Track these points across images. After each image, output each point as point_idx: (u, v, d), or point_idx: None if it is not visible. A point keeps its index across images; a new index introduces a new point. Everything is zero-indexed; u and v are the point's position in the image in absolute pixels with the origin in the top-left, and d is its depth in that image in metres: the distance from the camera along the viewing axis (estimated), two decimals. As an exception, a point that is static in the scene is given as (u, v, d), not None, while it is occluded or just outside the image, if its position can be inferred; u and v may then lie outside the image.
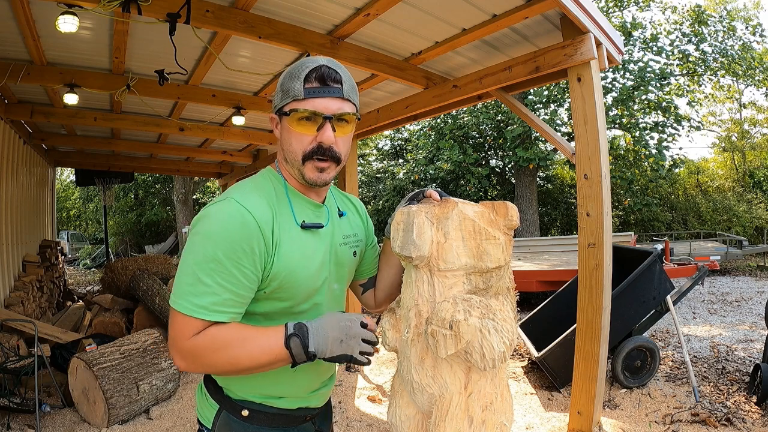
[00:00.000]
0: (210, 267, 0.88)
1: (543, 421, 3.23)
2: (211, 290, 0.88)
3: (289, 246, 0.98)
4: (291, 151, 1.00)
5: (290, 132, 0.99)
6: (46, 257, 6.20)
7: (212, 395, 1.05)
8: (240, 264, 0.90)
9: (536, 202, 13.50)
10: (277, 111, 1.01)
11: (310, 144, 0.98)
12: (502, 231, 1.05)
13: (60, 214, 22.17)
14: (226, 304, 0.90)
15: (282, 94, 0.99)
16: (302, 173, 1.01)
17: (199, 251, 0.89)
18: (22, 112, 4.69)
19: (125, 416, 3.22)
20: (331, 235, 1.09)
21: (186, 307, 0.88)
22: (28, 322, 3.96)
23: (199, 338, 0.89)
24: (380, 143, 20.36)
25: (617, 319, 3.32)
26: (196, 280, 0.88)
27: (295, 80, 0.97)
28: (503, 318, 1.00)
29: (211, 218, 0.91)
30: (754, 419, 3.03)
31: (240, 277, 0.90)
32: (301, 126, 0.97)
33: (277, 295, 0.99)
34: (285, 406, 1.05)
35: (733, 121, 20.51)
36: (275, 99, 1.03)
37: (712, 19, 13.40)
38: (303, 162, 0.99)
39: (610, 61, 3.13)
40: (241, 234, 0.90)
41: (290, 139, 0.99)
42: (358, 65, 3.48)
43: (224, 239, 0.89)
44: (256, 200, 0.96)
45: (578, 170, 2.89)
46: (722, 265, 10.59)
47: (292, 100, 0.97)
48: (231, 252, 0.89)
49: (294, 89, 0.96)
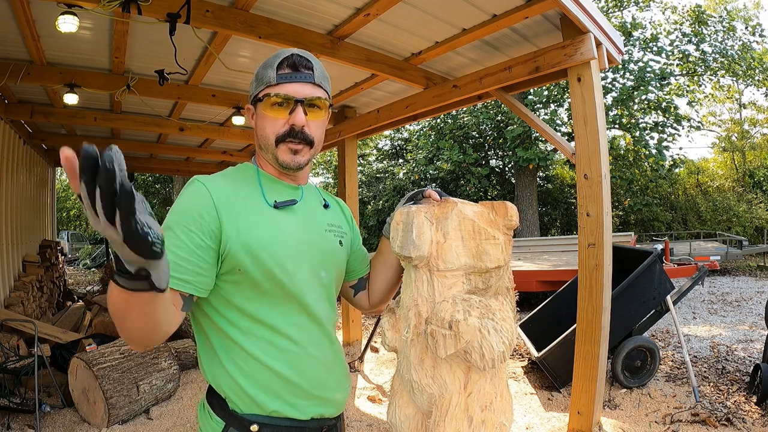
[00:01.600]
0: (168, 237, 0.89)
1: (543, 421, 3.23)
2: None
3: (256, 221, 0.96)
4: (264, 135, 1.02)
5: (264, 117, 1.02)
6: (46, 257, 6.20)
7: (216, 411, 0.97)
8: (188, 229, 0.90)
9: (536, 202, 13.50)
10: (252, 100, 1.05)
11: (283, 127, 1.00)
12: (501, 231, 1.05)
13: (60, 214, 22.17)
14: (172, 269, 0.86)
15: (256, 83, 1.03)
16: (276, 157, 1.02)
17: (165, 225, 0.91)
18: (22, 112, 4.69)
19: (125, 416, 3.22)
20: (311, 217, 1.07)
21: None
22: (28, 322, 3.96)
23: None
24: (380, 143, 20.37)
25: (617, 319, 3.32)
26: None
27: (268, 68, 1.01)
28: (503, 318, 1.00)
29: (177, 199, 0.97)
30: (754, 419, 3.03)
31: (187, 242, 0.89)
32: (274, 110, 1.00)
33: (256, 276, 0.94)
34: (297, 416, 0.98)
35: (733, 121, 20.52)
36: (251, 89, 1.07)
37: (712, 19, 13.41)
38: (276, 144, 1.01)
39: (610, 61, 3.13)
40: (192, 203, 0.92)
41: (264, 124, 1.02)
42: (358, 65, 3.48)
43: (178, 210, 0.93)
44: (218, 180, 0.98)
45: (578, 170, 2.89)
46: (722, 265, 10.59)
47: (265, 87, 1.00)
48: (181, 219, 0.91)
49: (267, 76, 1.00)
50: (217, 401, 0.97)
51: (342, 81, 4.30)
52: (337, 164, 5.69)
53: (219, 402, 0.97)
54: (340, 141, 5.17)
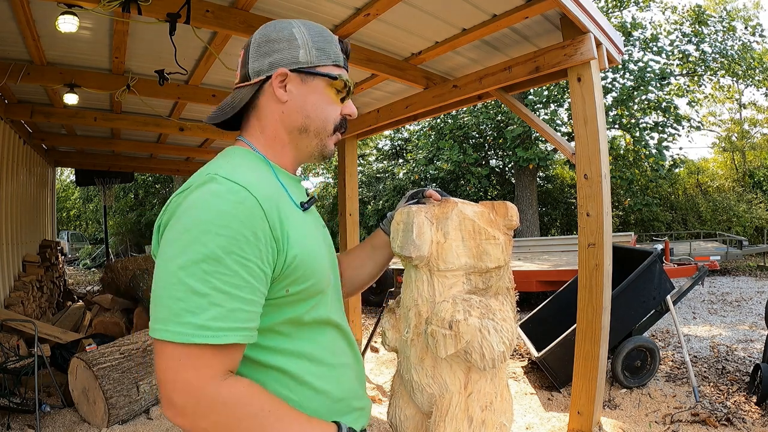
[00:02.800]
0: (203, 269, 0.63)
1: (543, 421, 3.23)
2: (209, 300, 0.63)
3: (298, 230, 0.78)
4: (322, 118, 0.86)
5: (324, 97, 0.86)
6: (46, 257, 6.20)
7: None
8: (245, 259, 0.66)
9: (536, 202, 13.50)
10: (304, 69, 0.84)
11: (338, 115, 0.90)
12: (501, 231, 1.06)
13: (60, 214, 22.18)
14: (235, 318, 0.65)
15: (318, 52, 0.85)
16: (324, 145, 0.89)
17: (184, 252, 0.64)
18: (22, 112, 4.69)
19: (125, 416, 3.22)
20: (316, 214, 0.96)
21: (178, 333, 0.62)
22: (28, 322, 3.96)
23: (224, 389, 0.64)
24: (380, 143, 20.37)
25: (617, 319, 3.32)
26: (186, 292, 0.63)
27: (330, 43, 0.87)
28: (503, 318, 1.00)
29: (193, 206, 0.67)
30: (754, 419, 3.03)
31: (247, 277, 0.66)
32: (337, 95, 0.88)
33: (303, 292, 0.78)
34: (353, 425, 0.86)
35: (733, 121, 20.52)
36: (298, 54, 0.84)
37: (712, 19, 13.41)
38: (333, 132, 0.90)
39: (610, 61, 3.13)
40: (242, 219, 0.67)
41: (322, 105, 0.86)
42: (358, 65, 3.48)
43: (217, 228, 0.65)
44: (250, 175, 0.74)
45: (578, 170, 2.89)
46: (722, 265, 10.59)
47: (332, 65, 0.86)
48: (230, 244, 0.65)
49: (335, 54, 0.87)
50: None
51: (342, 81, 4.30)
52: (337, 164, 5.68)
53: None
54: (340, 141, 5.16)
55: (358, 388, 0.94)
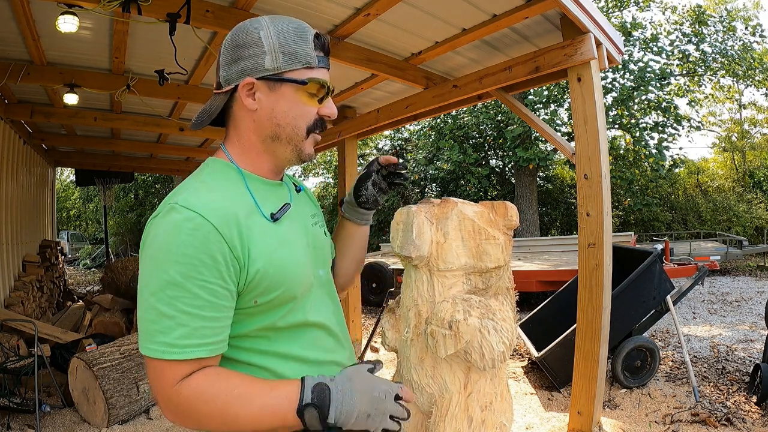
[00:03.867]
0: (168, 294, 0.71)
1: (543, 421, 3.23)
2: (176, 322, 0.71)
3: (263, 241, 0.81)
4: (292, 125, 0.85)
5: (295, 103, 0.84)
6: (46, 257, 6.20)
7: None
8: (204, 281, 0.73)
9: (536, 202, 13.50)
10: (270, 76, 0.83)
11: (314, 117, 0.87)
12: (501, 231, 1.06)
13: (60, 214, 22.17)
14: (199, 335, 0.73)
15: (285, 57, 0.83)
16: (299, 150, 0.88)
17: (152, 279, 0.73)
18: (22, 112, 4.69)
19: (125, 416, 3.22)
20: (300, 216, 0.95)
21: (154, 350, 0.72)
22: (28, 322, 3.96)
23: (184, 388, 0.72)
24: (380, 143, 20.37)
25: (617, 319, 3.32)
26: (157, 315, 0.72)
27: (301, 43, 0.84)
28: (503, 318, 1.00)
29: (157, 235, 0.75)
30: (754, 419, 3.03)
31: (208, 297, 0.73)
32: (310, 98, 0.85)
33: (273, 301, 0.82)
34: None
35: (733, 121, 20.52)
36: (264, 61, 0.83)
37: (712, 19, 13.40)
38: (307, 136, 0.87)
39: (610, 61, 3.13)
40: (197, 245, 0.72)
41: (293, 111, 0.85)
42: (358, 65, 3.48)
43: (177, 256, 0.72)
44: (207, 198, 0.78)
45: (578, 170, 2.89)
46: (722, 265, 10.59)
47: (303, 67, 0.84)
48: (189, 270, 0.72)
49: (306, 54, 0.84)
50: None
51: (342, 81, 4.30)
52: (337, 164, 5.68)
53: None
54: (340, 141, 5.16)
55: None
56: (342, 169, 5.23)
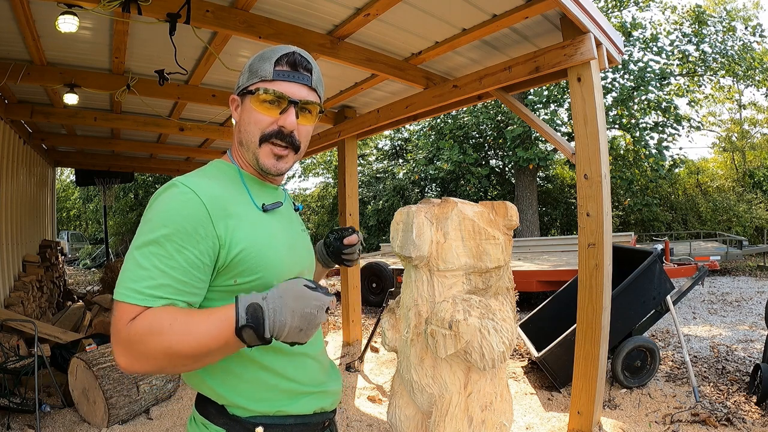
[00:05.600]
0: (149, 250, 0.81)
1: (543, 421, 3.23)
2: (148, 274, 0.80)
3: (251, 228, 0.90)
4: (248, 131, 0.96)
5: (251, 112, 0.95)
6: (46, 257, 6.20)
7: (214, 420, 0.92)
8: (182, 247, 0.82)
9: (536, 202, 13.50)
10: (240, 91, 0.98)
11: (270, 126, 0.95)
12: (501, 231, 1.06)
13: (60, 214, 22.16)
14: (164, 290, 0.80)
15: (249, 74, 0.97)
16: (257, 157, 0.97)
17: (140, 236, 0.83)
18: (22, 112, 4.69)
19: (125, 416, 3.22)
20: (292, 218, 1.07)
21: (121, 294, 0.80)
22: (28, 322, 3.96)
23: (135, 324, 0.78)
24: (380, 143, 20.38)
25: (617, 319, 3.32)
26: (134, 265, 0.81)
27: (265, 62, 0.95)
28: (503, 318, 1.00)
29: (155, 204, 0.86)
30: (754, 419, 3.03)
31: (182, 262, 0.82)
32: (264, 107, 0.94)
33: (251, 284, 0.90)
34: (301, 411, 0.96)
35: (733, 121, 20.52)
36: (240, 79, 0.99)
37: (712, 19, 13.40)
38: (259, 144, 0.95)
39: (610, 61, 3.13)
40: (184, 215, 0.83)
41: (249, 119, 0.96)
42: (358, 65, 3.49)
43: (165, 221, 0.82)
44: (205, 183, 0.89)
45: (578, 170, 2.89)
46: (722, 265, 10.59)
47: (259, 81, 0.95)
48: (172, 234, 0.82)
49: (263, 69, 0.95)
50: (214, 409, 0.93)
51: (342, 81, 4.30)
52: (337, 164, 5.69)
53: (216, 409, 0.92)
54: (340, 141, 5.17)
55: (317, 375, 1.02)
56: (342, 169, 5.23)
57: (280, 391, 0.94)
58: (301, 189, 26.19)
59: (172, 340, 0.76)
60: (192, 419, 0.97)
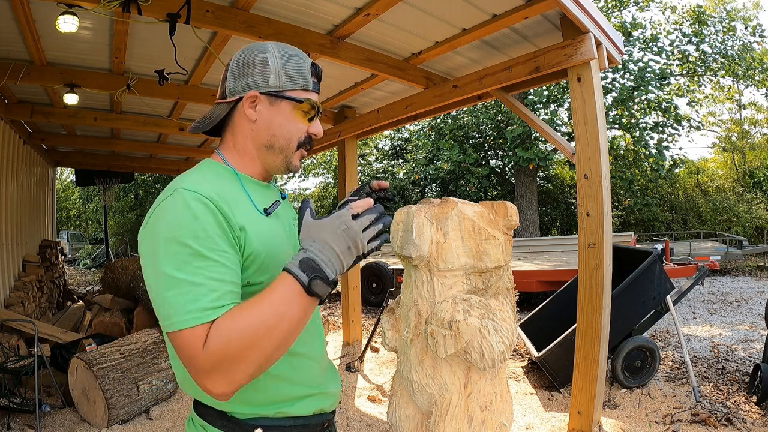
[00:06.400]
0: (194, 266, 0.76)
1: (543, 421, 3.23)
2: (207, 288, 0.76)
3: (258, 228, 0.90)
4: (286, 137, 0.97)
5: (290, 118, 0.97)
6: (46, 257, 6.20)
7: (212, 422, 0.91)
8: (222, 251, 0.80)
9: (536, 202, 13.50)
10: (272, 92, 0.95)
11: (304, 134, 0.99)
12: (501, 231, 1.06)
13: (60, 214, 22.17)
14: (226, 297, 0.78)
15: (286, 77, 0.96)
16: (288, 161, 0.99)
17: (169, 256, 0.77)
18: (22, 112, 4.69)
19: (125, 416, 3.22)
20: (285, 216, 1.06)
21: (183, 321, 0.75)
22: (28, 322, 3.96)
23: (211, 344, 0.74)
24: (380, 143, 20.37)
25: (617, 319, 3.32)
26: (188, 286, 0.76)
27: (301, 68, 0.97)
28: (503, 318, 1.00)
29: (166, 216, 0.80)
30: (754, 419, 3.03)
31: (228, 264, 0.80)
32: (304, 116, 0.98)
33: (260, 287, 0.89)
34: (300, 413, 0.96)
35: (733, 121, 20.51)
36: (266, 78, 0.95)
37: (711, 20, 13.40)
38: (297, 149, 1.00)
39: (610, 61, 3.13)
40: (206, 218, 0.80)
41: (287, 125, 0.97)
42: (358, 65, 3.48)
43: (192, 229, 0.78)
44: (207, 185, 0.86)
45: (578, 170, 2.89)
46: (722, 265, 10.59)
47: (300, 89, 0.97)
48: (206, 240, 0.78)
49: (304, 78, 0.97)
50: (213, 412, 0.91)
51: (342, 81, 4.30)
52: (337, 164, 5.69)
53: (215, 411, 0.91)
54: (340, 141, 5.17)
55: (316, 376, 1.01)
56: (342, 169, 5.23)
57: (279, 393, 0.94)
58: (301, 189, 26.18)
59: (257, 334, 0.74)
60: (190, 420, 0.96)
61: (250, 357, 0.74)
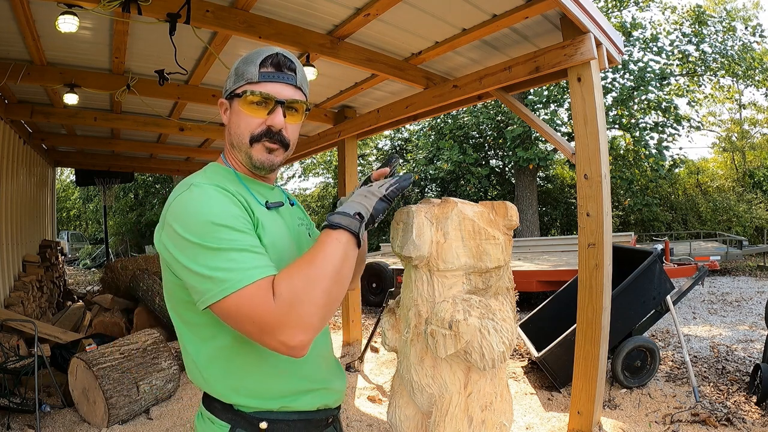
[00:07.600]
0: (236, 239, 0.81)
1: (543, 421, 3.23)
2: (255, 252, 0.82)
3: (264, 223, 0.94)
4: (238, 133, 0.99)
5: (240, 114, 0.98)
6: (46, 257, 6.20)
7: (220, 415, 0.94)
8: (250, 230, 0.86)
9: (536, 202, 13.50)
10: (229, 94, 1.00)
11: (259, 127, 0.98)
12: (501, 231, 1.05)
13: (60, 214, 22.17)
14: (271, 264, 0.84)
15: (235, 77, 0.99)
16: (250, 156, 0.99)
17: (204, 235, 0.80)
18: (22, 112, 4.69)
19: (125, 416, 3.22)
20: (289, 215, 1.08)
21: (242, 279, 0.78)
22: (28, 322, 3.96)
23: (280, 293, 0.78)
24: (380, 143, 20.36)
25: (617, 319, 3.32)
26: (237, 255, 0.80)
27: (250, 64, 0.98)
28: (503, 318, 1.00)
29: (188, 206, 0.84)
30: (754, 419, 3.03)
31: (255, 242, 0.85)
32: (252, 108, 0.97)
33: None
34: (305, 407, 0.97)
35: (733, 121, 20.51)
36: (227, 83, 1.02)
37: (712, 20, 13.40)
38: (250, 144, 0.98)
39: (610, 61, 3.13)
40: (228, 201, 0.86)
41: (239, 122, 0.98)
42: (358, 65, 3.49)
43: (225, 214, 0.83)
44: (218, 180, 0.93)
45: (578, 170, 2.89)
46: (722, 265, 10.59)
47: (245, 83, 0.97)
48: (235, 218, 0.84)
49: (249, 72, 0.97)
50: (220, 405, 0.94)
51: (342, 81, 4.30)
52: (337, 164, 5.68)
53: (222, 405, 0.94)
54: (340, 141, 5.17)
55: (321, 372, 1.03)
56: (342, 169, 5.23)
57: (284, 388, 0.95)
58: (301, 189, 26.20)
59: (319, 275, 0.80)
60: (200, 414, 0.99)
61: (316, 296, 0.79)
